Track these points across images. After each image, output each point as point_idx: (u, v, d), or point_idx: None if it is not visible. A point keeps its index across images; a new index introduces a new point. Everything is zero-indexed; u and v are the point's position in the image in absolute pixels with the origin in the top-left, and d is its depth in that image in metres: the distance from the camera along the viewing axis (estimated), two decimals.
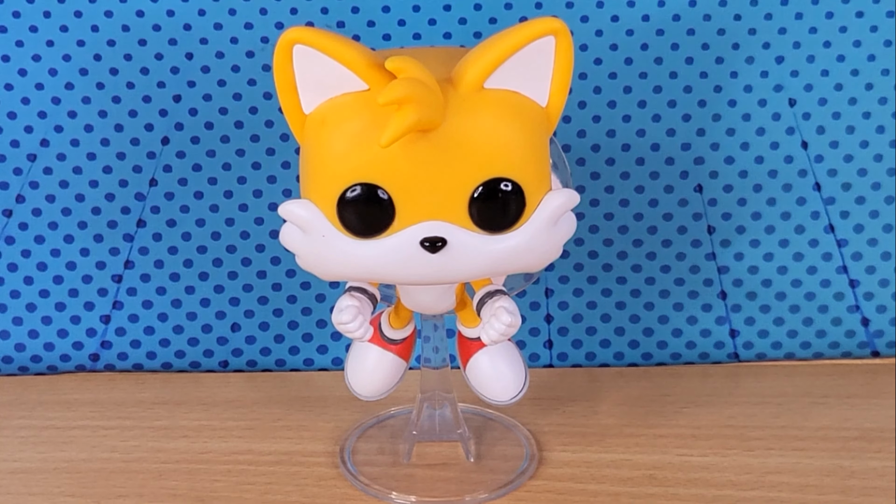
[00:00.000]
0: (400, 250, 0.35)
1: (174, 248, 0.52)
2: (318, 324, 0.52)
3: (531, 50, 0.34)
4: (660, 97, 0.50)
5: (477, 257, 0.35)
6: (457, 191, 0.34)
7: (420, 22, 0.50)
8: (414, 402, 0.45)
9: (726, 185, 0.51)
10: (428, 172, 0.34)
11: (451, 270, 0.35)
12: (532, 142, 0.35)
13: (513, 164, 0.34)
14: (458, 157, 0.33)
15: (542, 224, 0.35)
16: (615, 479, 0.42)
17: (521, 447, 0.45)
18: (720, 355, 0.52)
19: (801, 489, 0.41)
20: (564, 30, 0.33)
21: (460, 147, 0.33)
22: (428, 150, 0.33)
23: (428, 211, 0.34)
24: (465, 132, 0.33)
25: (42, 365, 0.52)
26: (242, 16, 0.50)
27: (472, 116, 0.34)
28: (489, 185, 0.34)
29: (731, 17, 0.50)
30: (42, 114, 0.51)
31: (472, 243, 0.35)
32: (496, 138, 0.34)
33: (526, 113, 0.34)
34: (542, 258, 0.36)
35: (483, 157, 0.34)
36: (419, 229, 0.34)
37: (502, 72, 0.34)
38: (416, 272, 0.35)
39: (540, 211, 0.35)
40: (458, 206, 0.34)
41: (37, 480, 0.43)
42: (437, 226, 0.34)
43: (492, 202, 0.34)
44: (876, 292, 0.52)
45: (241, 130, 0.51)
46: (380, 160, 0.34)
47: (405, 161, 0.33)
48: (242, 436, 0.46)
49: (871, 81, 0.50)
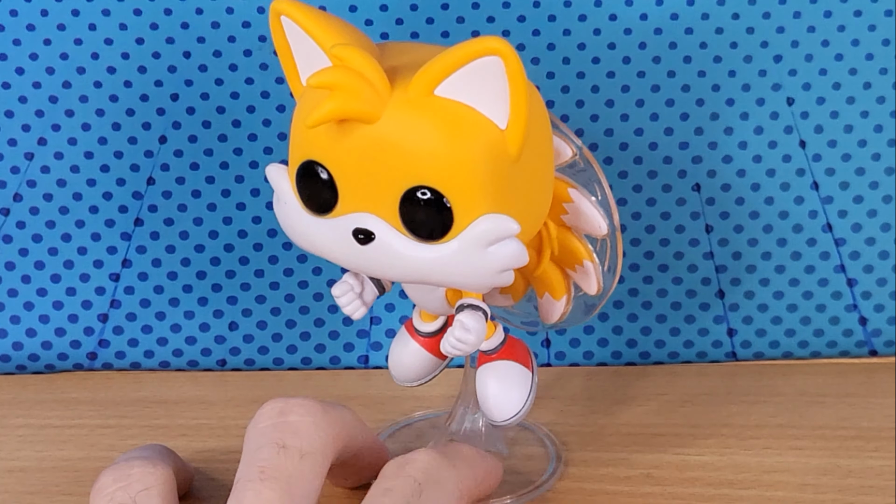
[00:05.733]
0: (337, 235, 0.35)
1: (172, 247, 0.52)
2: (315, 323, 0.52)
3: (480, 68, 0.32)
4: (658, 96, 0.50)
5: (402, 260, 0.34)
6: (389, 189, 0.34)
7: (419, 21, 0.50)
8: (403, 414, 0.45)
9: (724, 184, 0.51)
10: (366, 164, 0.34)
11: (380, 266, 0.35)
12: (474, 157, 0.33)
13: (444, 174, 0.33)
14: (391, 157, 0.33)
15: (469, 243, 0.34)
16: (612, 478, 0.42)
17: (546, 448, 0.44)
18: (718, 354, 0.52)
19: (798, 488, 0.41)
20: (510, 52, 0.32)
21: (394, 147, 0.33)
22: (369, 142, 0.33)
23: (364, 202, 0.34)
24: (402, 132, 0.33)
25: (40, 364, 0.52)
26: (240, 15, 0.50)
27: (411, 118, 0.33)
28: (415, 190, 0.33)
29: (729, 15, 0.50)
30: (39, 112, 0.50)
31: (397, 245, 0.34)
32: (430, 145, 0.33)
33: (472, 128, 0.33)
34: (474, 279, 0.35)
35: (415, 161, 0.33)
36: (354, 218, 0.34)
37: (454, 84, 0.33)
38: (351, 260, 0.36)
39: (468, 230, 0.34)
40: (389, 205, 0.34)
41: (35, 479, 0.43)
42: (369, 219, 0.34)
43: (417, 208, 0.33)
44: (874, 291, 0.52)
45: (238, 129, 0.51)
46: (328, 143, 0.34)
47: (346, 149, 0.34)
48: (241, 434, 0.45)
49: (870, 80, 0.50)
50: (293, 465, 0.33)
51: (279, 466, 0.33)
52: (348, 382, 0.51)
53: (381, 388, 0.51)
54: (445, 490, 0.35)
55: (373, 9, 0.50)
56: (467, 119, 0.33)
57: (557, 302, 0.41)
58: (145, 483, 0.35)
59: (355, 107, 0.32)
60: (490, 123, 0.33)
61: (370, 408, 0.48)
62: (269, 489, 0.32)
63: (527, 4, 0.50)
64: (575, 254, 0.39)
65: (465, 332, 0.36)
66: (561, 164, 0.39)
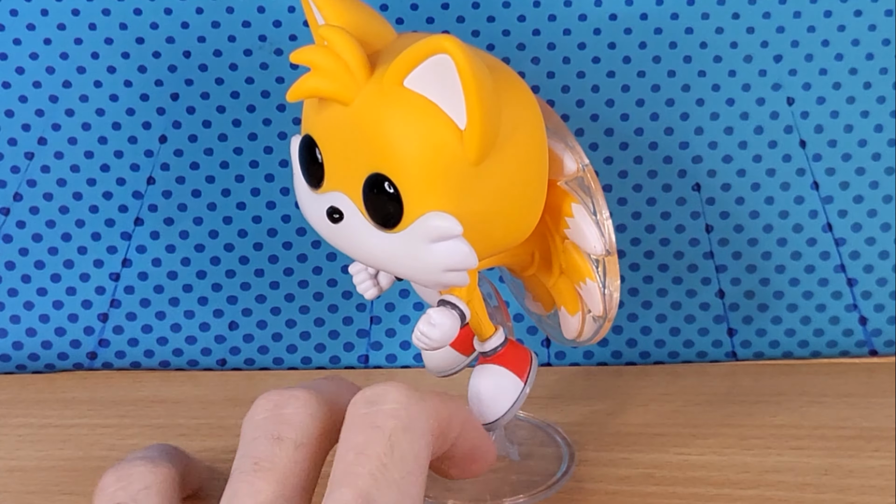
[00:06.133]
0: (319, 210, 0.36)
1: (172, 247, 0.52)
2: (315, 322, 0.52)
3: (435, 64, 0.32)
4: (658, 95, 0.50)
5: (363, 243, 0.35)
6: (357, 172, 0.34)
7: (418, 20, 0.50)
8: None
9: (724, 183, 0.51)
10: (340, 145, 0.34)
11: (348, 246, 0.36)
12: (426, 152, 0.33)
13: (397, 165, 0.33)
14: (360, 141, 0.34)
15: (412, 236, 0.34)
16: (613, 478, 0.42)
17: (559, 448, 0.44)
18: (718, 354, 0.52)
19: (799, 488, 0.41)
20: (456, 51, 0.31)
21: (362, 131, 0.34)
22: (342, 124, 0.34)
23: (341, 183, 0.35)
24: (368, 118, 0.34)
25: (40, 363, 0.52)
26: (240, 14, 0.50)
27: (377, 106, 0.34)
28: (374, 177, 0.34)
29: (729, 15, 0.49)
30: (39, 112, 0.50)
31: (359, 228, 0.35)
32: (390, 134, 0.33)
33: (431, 123, 0.33)
34: (421, 274, 0.35)
35: (376, 149, 0.34)
36: (331, 196, 0.35)
37: (420, 78, 0.33)
38: (327, 236, 0.37)
39: (415, 224, 0.34)
40: (357, 188, 0.34)
41: (35, 479, 0.43)
42: (342, 198, 0.35)
43: (373, 195, 0.34)
44: (874, 291, 0.52)
45: (238, 129, 0.51)
46: (316, 119, 0.35)
47: (325, 127, 0.35)
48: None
49: (870, 80, 0.50)
50: (287, 457, 0.33)
51: (273, 458, 0.33)
52: None
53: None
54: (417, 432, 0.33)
55: (373, 8, 0.50)
56: (429, 114, 0.33)
57: (572, 318, 0.41)
58: (145, 482, 0.35)
59: (329, 87, 0.33)
60: (451, 122, 0.33)
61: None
62: (262, 480, 0.32)
63: (527, 4, 0.50)
64: (578, 271, 0.39)
65: (429, 327, 0.36)
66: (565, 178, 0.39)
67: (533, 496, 0.41)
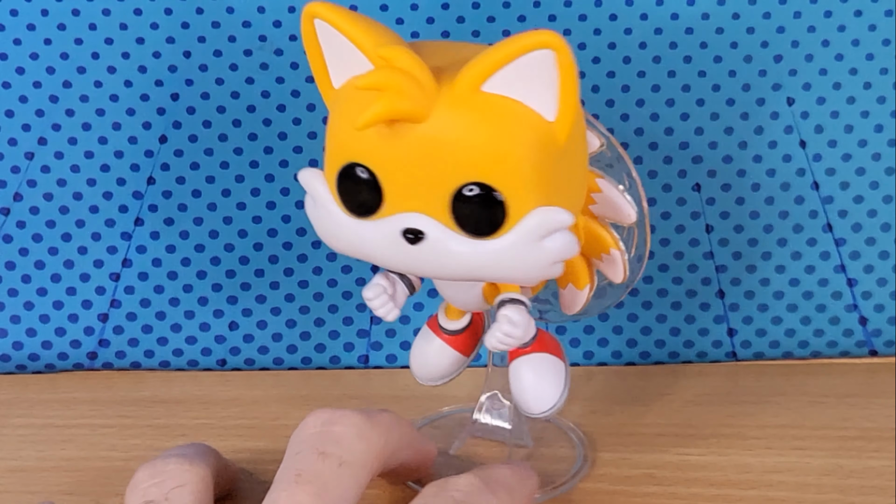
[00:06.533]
0: (384, 236, 0.35)
1: (172, 247, 0.52)
2: (316, 322, 0.52)
3: (529, 61, 0.32)
4: (658, 96, 0.50)
5: (455, 257, 0.34)
6: (439, 187, 0.33)
7: (418, 20, 0.50)
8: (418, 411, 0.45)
9: (724, 183, 0.51)
10: (414, 164, 0.33)
11: (430, 265, 0.35)
12: (524, 151, 0.33)
13: (497, 169, 0.33)
14: (442, 154, 0.33)
15: (523, 237, 0.34)
16: (613, 478, 0.42)
17: (573, 449, 0.44)
18: (718, 354, 0.52)
19: (799, 488, 0.41)
20: (562, 45, 0.32)
21: (445, 144, 0.33)
22: (416, 142, 0.33)
23: (413, 202, 0.34)
24: (452, 130, 0.33)
25: (40, 363, 0.52)
26: (240, 14, 0.50)
27: (460, 116, 0.33)
28: (468, 187, 0.33)
29: (729, 15, 0.50)
30: (40, 112, 0.50)
31: (450, 242, 0.34)
32: (482, 140, 0.33)
33: (522, 122, 0.33)
34: (526, 273, 0.35)
35: (466, 158, 0.33)
36: (402, 219, 0.34)
37: (503, 79, 0.33)
38: (399, 260, 0.35)
39: (523, 223, 0.34)
40: (440, 203, 0.34)
41: (36, 479, 0.43)
42: (419, 218, 0.34)
43: (471, 205, 0.33)
44: (874, 291, 0.52)
45: (238, 129, 0.51)
46: (372, 144, 0.33)
47: (394, 149, 0.33)
48: (241, 434, 0.46)
49: (870, 80, 0.50)
50: (330, 472, 0.33)
51: (316, 471, 0.33)
52: (348, 382, 0.51)
53: (382, 387, 0.51)
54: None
55: (373, 9, 0.50)
56: (516, 113, 0.33)
57: (580, 292, 0.40)
58: (180, 480, 0.35)
59: (405, 107, 0.32)
60: (537, 116, 0.33)
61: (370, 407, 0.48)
62: (302, 492, 0.32)
63: (527, 4, 0.50)
64: (601, 242, 0.39)
65: (512, 327, 0.36)
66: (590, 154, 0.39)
67: (545, 493, 0.41)
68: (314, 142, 0.51)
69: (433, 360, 0.41)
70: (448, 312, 0.41)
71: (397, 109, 0.32)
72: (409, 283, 0.39)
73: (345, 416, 0.35)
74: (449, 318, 0.41)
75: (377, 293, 0.38)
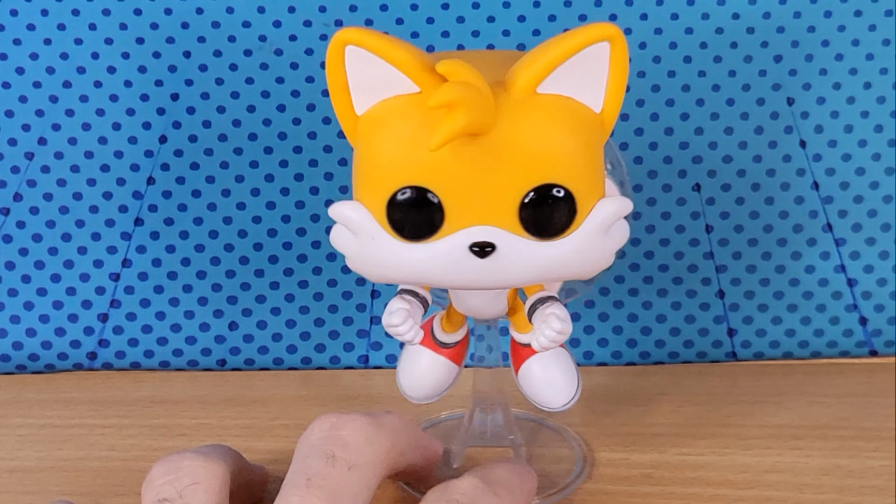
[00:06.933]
0: (449, 255, 0.34)
1: (172, 247, 0.52)
2: (315, 322, 0.52)
3: (585, 55, 0.33)
4: (658, 96, 0.50)
5: (526, 263, 0.34)
6: (507, 196, 0.33)
7: (418, 20, 0.50)
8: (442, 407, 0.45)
9: (724, 183, 0.51)
10: (478, 176, 0.33)
11: (501, 276, 0.34)
12: (584, 147, 0.34)
13: (564, 169, 0.33)
14: (508, 162, 0.33)
15: (593, 231, 0.34)
16: (612, 478, 0.42)
17: (572, 450, 0.44)
18: (718, 354, 0.52)
19: (798, 488, 0.41)
20: (620, 36, 0.33)
21: (511, 152, 0.33)
22: (478, 154, 0.33)
23: (478, 216, 0.33)
24: (516, 137, 0.33)
25: (40, 363, 0.52)
26: (240, 14, 0.50)
27: (523, 121, 0.33)
28: (540, 190, 0.33)
29: (728, 15, 0.50)
30: (39, 112, 0.51)
31: (521, 249, 0.34)
32: (548, 143, 0.33)
33: (579, 118, 0.34)
34: (593, 266, 0.35)
35: (534, 163, 0.33)
36: (468, 234, 0.34)
37: (555, 77, 0.33)
38: (465, 277, 0.35)
39: (591, 218, 0.34)
40: (508, 212, 0.33)
41: (34, 479, 0.43)
42: (487, 231, 0.33)
43: (542, 208, 0.33)
44: (874, 291, 0.52)
45: (238, 129, 0.51)
46: (430, 163, 0.33)
47: (455, 165, 0.33)
48: (240, 434, 0.46)
49: (870, 80, 0.50)
50: (340, 476, 0.33)
51: (326, 476, 0.33)
52: (348, 382, 0.51)
53: (381, 388, 0.51)
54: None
55: (373, 9, 0.50)
56: (571, 110, 0.34)
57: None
58: (194, 477, 0.34)
59: (479, 119, 0.32)
60: (587, 110, 0.34)
61: (370, 408, 0.48)
62: (314, 497, 0.32)
63: (527, 4, 0.50)
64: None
65: (564, 324, 0.36)
66: None
67: (545, 499, 0.41)
68: (314, 142, 0.51)
69: (431, 375, 0.41)
70: (446, 325, 0.41)
71: (473, 124, 0.32)
72: (422, 300, 0.38)
73: (351, 420, 0.35)
74: (447, 332, 0.41)
75: (403, 317, 0.37)
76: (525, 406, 0.42)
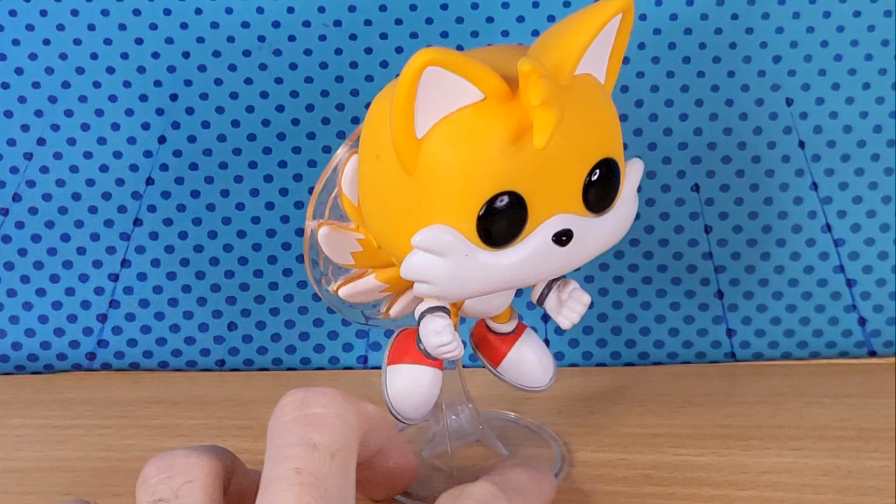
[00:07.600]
0: (537, 251, 0.34)
1: (171, 247, 0.52)
2: (314, 323, 0.52)
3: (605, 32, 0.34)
4: (657, 96, 0.50)
5: (594, 240, 0.36)
6: (573, 180, 0.34)
7: (417, 21, 0.50)
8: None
9: (723, 184, 0.51)
10: (548, 167, 0.33)
11: (575, 259, 0.36)
12: (615, 118, 0.36)
13: (610, 143, 0.35)
14: (569, 146, 0.34)
15: (631, 195, 0.36)
16: (611, 479, 0.42)
17: (551, 448, 0.44)
18: (717, 355, 0.52)
19: (797, 489, 0.41)
20: (631, 7, 0.34)
21: (569, 136, 0.33)
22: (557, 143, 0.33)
23: (552, 206, 0.34)
24: (573, 120, 0.33)
25: (39, 364, 0.52)
26: (239, 15, 0.50)
27: (575, 104, 0.34)
28: (598, 167, 0.35)
29: (728, 16, 0.50)
30: (38, 112, 0.51)
31: (589, 228, 0.35)
32: (596, 121, 0.35)
33: (603, 91, 0.35)
34: (624, 232, 0.37)
35: (589, 142, 0.34)
36: (550, 225, 0.34)
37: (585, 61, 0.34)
38: (548, 268, 0.36)
39: (627, 184, 0.36)
40: (574, 195, 0.35)
41: (33, 479, 0.43)
42: (563, 218, 0.35)
43: (602, 183, 0.35)
44: (873, 292, 0.52)
45: (237, 129, 0.51)
46: (515, 166, 0.33)
47: (533, 161, 0.33)
48: (239, 434, 0.46)
49: (869, 81, 0.50)
50: (326, 467, 0.32)
51: (313, 469, 0.32)
52: (347, 383, 0.51)
53: (380, 388, 0.51)
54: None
55: (372, 9, 0.50)
56: (595, 85, 0.35)
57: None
58: (188, 475, 0.33)
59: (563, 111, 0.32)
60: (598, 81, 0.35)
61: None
62: (308, 494, 0.31)
63: (526, 5, 0.50)
64: None
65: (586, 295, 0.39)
66: None
67: None
68: (312, 142, 0.51)
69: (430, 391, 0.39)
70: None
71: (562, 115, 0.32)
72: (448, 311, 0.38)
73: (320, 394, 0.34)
74: None
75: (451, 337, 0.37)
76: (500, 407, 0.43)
